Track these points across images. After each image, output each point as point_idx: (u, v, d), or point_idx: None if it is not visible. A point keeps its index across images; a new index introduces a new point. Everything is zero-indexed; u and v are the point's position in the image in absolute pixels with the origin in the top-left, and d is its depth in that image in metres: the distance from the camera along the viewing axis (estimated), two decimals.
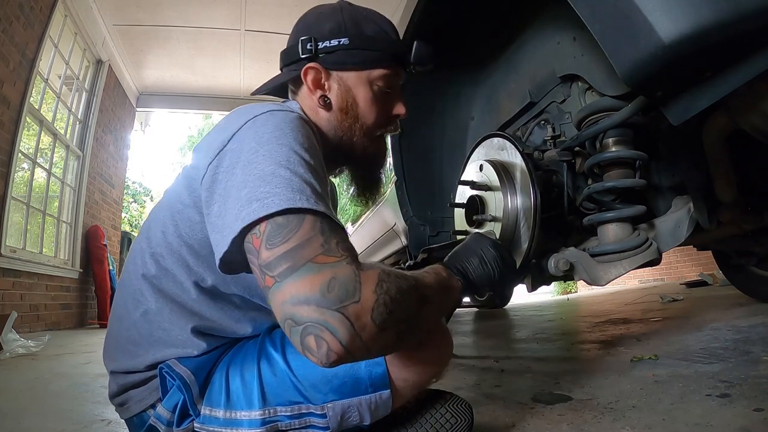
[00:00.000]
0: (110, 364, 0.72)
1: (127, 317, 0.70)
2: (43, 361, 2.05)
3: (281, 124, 0.60)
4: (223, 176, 0.58)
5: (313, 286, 0.47)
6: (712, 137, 0.97)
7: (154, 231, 0.69)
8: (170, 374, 0.65)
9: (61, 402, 1.30)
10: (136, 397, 0.70)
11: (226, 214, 0.55)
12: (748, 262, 1.78)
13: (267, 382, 0.64)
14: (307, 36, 0.74)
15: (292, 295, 0.48)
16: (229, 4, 4.40)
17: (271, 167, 0.54)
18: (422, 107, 1.62)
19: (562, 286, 8.65)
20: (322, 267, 0.48)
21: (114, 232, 5.31)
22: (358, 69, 0.74)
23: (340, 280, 0.48)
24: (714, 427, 0.72)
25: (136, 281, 0.69)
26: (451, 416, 0.73)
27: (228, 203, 0.55)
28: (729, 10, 0.57)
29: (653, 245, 0.99)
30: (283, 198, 0.51)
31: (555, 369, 1.33)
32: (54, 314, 3.79)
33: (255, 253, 0.51)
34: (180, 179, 0.68)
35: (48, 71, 3.91)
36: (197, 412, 0.64)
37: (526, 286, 1.14)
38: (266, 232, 0.51)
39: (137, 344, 0.69)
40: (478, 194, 1.16)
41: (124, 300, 0.71)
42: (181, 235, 0.66)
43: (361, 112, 0.75)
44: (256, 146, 0.57)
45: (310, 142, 0.61)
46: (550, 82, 1.22)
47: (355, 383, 0.64)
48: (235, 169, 0.57)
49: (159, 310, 0.68)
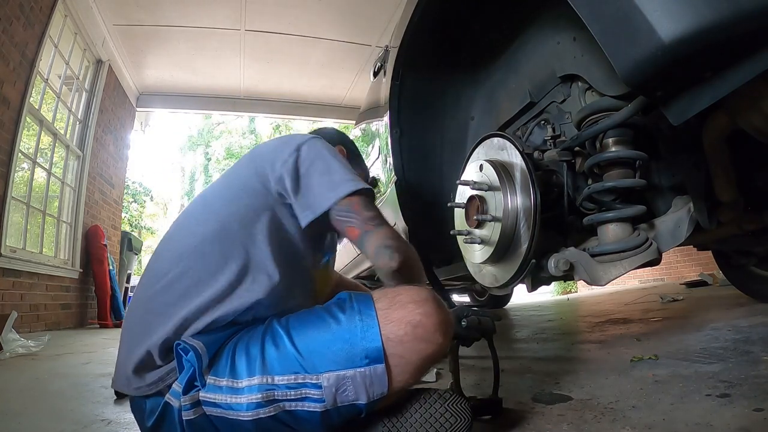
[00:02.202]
0: (146, 340, 0.72)
1: (162, 279, 0.76)
2: (43, 361, 2.05)
3: (324, 145, 0.89)
4: (305, 168, 0.84)
5: (389, 232, 0.82)
6: (712, 137, 0.97)
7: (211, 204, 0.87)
8: (185, 349, 0.68)
9: (61, 402, 1.30)
10: (151, 377, 0.72)
11: (320, 188, 0.83)
12: (748, 262, 1.78)
13: (268, 354, 0.68)
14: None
15: (385, 234, 0.80)
16: (229, 4, 4.40)
17: (341, 165, 0.85)
18: (422, 107, 1.62)
19: (562, 286, 8.66)
20: (388, 225, 0.83)
21: (114, 232, 5.31)
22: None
23: (393, 233, 0.83)
24: (714, 427, 0.72)
25: (186, 239, 0.81)
26: (450, 416, 0.73)
27: (318, 182, 0.83)
28: (729, 10, 0.57)
29: (653, 245, 0.99)
30: (359, 183, 0.83)
31: (555, 369, 1.33)
32: (54, 314, 3.79)
33: (357, 211, 0.81)
34: (240, 173, 0.89)
35: (48, 71, 3.91)
36: (204, 382, 0.67)
37: (526, 286, 1.14)
38: (361, 201, 0.82)
39: (171, 304, 0.73)
40: (478, 194, 1.16)
41: (161, 265, 0.79)
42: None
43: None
44: (326, 153, 0.87)
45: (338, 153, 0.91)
46: (550, 82, 1.22)
47: (350, 355, 0.66)
48: (316, 163, 0.84)
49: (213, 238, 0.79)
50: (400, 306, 0.69)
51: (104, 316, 4.34)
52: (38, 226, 4.03)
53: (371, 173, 2.20)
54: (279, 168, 0.84)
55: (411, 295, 0.70)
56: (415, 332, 0.67)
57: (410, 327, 0.67)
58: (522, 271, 1.07)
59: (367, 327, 0.68)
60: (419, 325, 0.67)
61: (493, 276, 1.18)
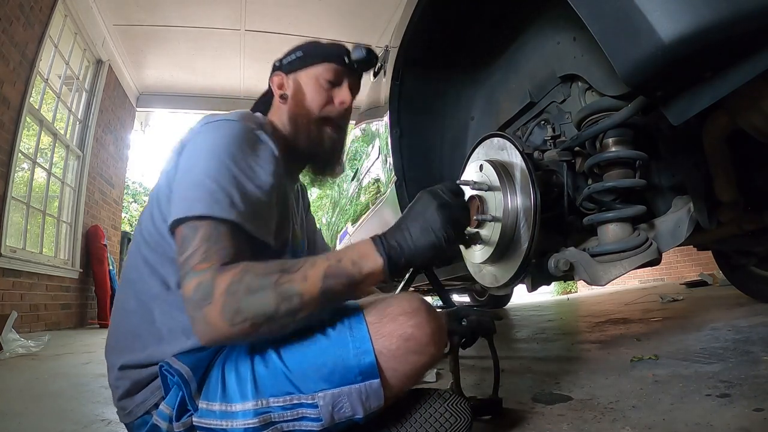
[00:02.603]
0: (119, 358, 0.73)
1: (152, 299, 0.73)
2: (43, 361, 2.05)
3: (221, 137, 0.72)
4: (178, 174, 0.71)
5: (189, 290, 0.61)
6: (712, 137, 0.97)
7: (145, 224, 0.76)
8: (169, 371, 0.66)
9: (61, 402, 1.30)
10: (138, 399, 0.71)
11: (174, 204, 0.68)
12: (748, 262, 1.78)
13: (259, 374, 0.66)
14: (277, 59, 0.97)
15: (183, 296, 0.62)
16: (229, 4, 4.40)
17: (200, 176, 0.67)
18: (422, 107, 1.62)
19: (562, 286, 8.66)
20: (196, 274, 0.61)
21: (114, 232, 5.31)
22: (305, 68, 0.92)
23: (202, 286, 0.60)
24: (714, 427, 0.72)
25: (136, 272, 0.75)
26: (450, 415, 0.73)
27: (176, 196, 0.69)
28: (729, 10, 0.57)
29: (653, 245, 0.99)
30: (201, 205, 0.65)
31: (555, 369, 1.33)
32: (54, 314, 3.79)
33: (178, 247, 0.66)
34: (162, 177, 0.77)
35: (48, 71, 3.91)
36: (195, 407, 0.65)
37: (526, 286, 1.14)
38: (179, 240, 0.65)
39: (164, 328, 0.71)
40: (478, 194, 1.16)
41: (131, 293, 0.75)
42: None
43: (307, 100, 0.91)
44: (198, 154, 0.71)
45: (245, 153, 0.72)
46: (550, 82, 1.22)
47: (344, 372, 0.65)
48: (183, 170, 0.71)
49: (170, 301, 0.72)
50: (391, 319, 0.67)
51: (104, 316, 4.34)
52: (38, 226, 4.03)
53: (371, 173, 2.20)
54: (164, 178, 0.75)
55: (402, 306, 0.69)
56: (407, 345, 0.66)
57: (402, 341, 0.66)
58: (522, 271, 1.06)
59: (359, 342, 0.66)
60: (411, 338, 0.66)
61: (493, 276, 1.18)
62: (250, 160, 0.72)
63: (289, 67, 0.94)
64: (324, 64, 0.91)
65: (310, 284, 0.63)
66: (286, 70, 0.94)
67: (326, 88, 0.91)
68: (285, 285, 0.61)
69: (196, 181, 0.67)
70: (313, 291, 0.63)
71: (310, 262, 0.65)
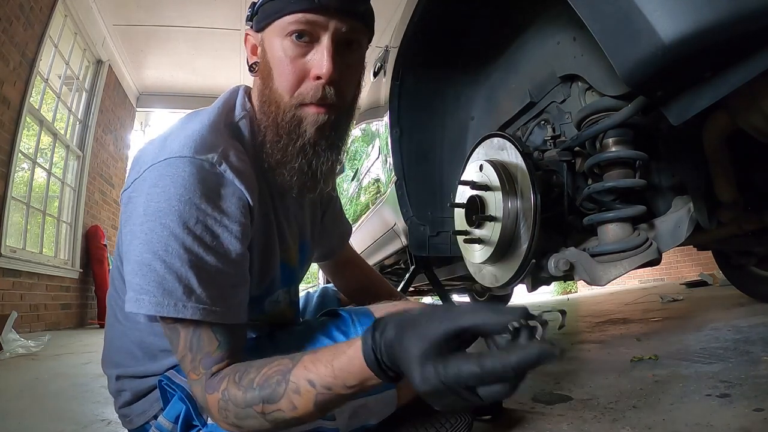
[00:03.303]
0: (115, 369, 0.72)
1: (137, 323, 0.68)
2: (43, 361, 2.05)
3: (169, 190, 0.54)
4: (124, 223, 0.59)
5: (190, 386, 0.58)
6: (712, 137, 0.97)
7: (118, 254, 0.69)
8: (169, 386, 0.64)
9: (61, 402, 1.30)
10: (138, 409, 0.70)
11: (127, 279, 0.58)
12: (748, 262, 1.78)
13: None
14: (252, 3, 0.66)
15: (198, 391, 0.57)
16: (229, 4, 4.40)
17: (147, 255, 0.54)
18: (422, 107, 1.62)
19: (562, 286, 8.65)
20: (192, 383, 0.57)
21: (114, 232, 5.31)
22: (273, 20, 0.62)
23: (199, 398, 0.57)
24: (714, 427, 0.72)
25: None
26: (450, 416, 0.73)
27: (126, 264, 0.58)
28: (729, 10, 0.57)
29: (653, 245, 0.99)
30: (153, 302, 0.53)
31: (555, 369, 1.33)
32: (54, 314, 3.79)
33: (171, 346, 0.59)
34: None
35: (48, 71, 3.91)
36: (203, 422, 0.63)
37: (526, 286, 1.14)
38: (164, 333, 0.57)
39: (155, 348, 0.69)
40: (478, 194, 1.16)
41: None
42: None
43: (275, 73, 0.63)
44: (142, 217, 0.55)
45: (201, 211, 0.55)
46: (550, 82, 1.22)
47: None
48: (128, 224, 0.57)
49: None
50: None
51: (104, 316, 4.33)
52: (38, 226, 4.03)
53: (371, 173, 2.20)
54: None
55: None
56: None
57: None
58: (522, 271, 1.06)
59: None
60: None
61: (493, 276, 1.18)
62: (209, 219, 0.56)
63: (257, 20, 0.65)
64: (286, 13, 0.60)
65: (301, 410, 0.52)
66: (255, 26, 0.66)
67: (296, 54, 0.62)
68: (272, 414, 0.52)
69: (142, 261, 0.54)
70: (304, 415, 0.52)
71: (293, 388, 0.51)
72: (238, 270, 0.59)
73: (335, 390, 0.50)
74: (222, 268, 0.56)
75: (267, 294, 0.73)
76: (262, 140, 0.67)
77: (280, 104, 0.63)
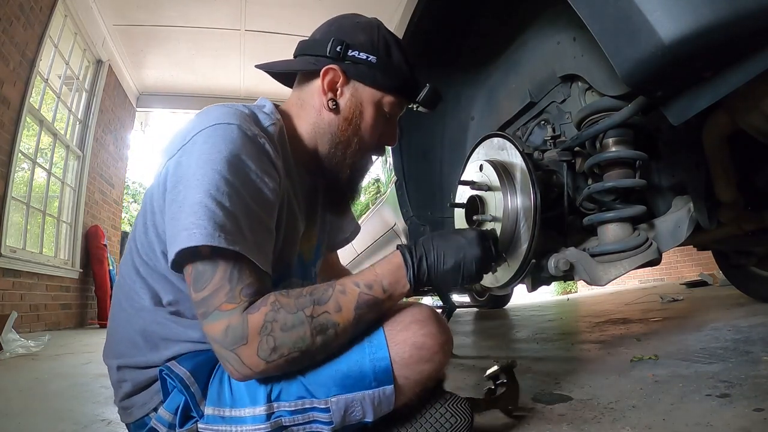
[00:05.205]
0: (116, 360, 0.72)
1: (141, 310, 0.71)
2: (43, 361, 2.05)
3: (219, 145, 0.62)
4: (171, 188, 0.63)
5: (217, 330, 0.59)
6: (712, 137, 0.97)
7: (139, 233, 0.72)
8: (170, 376, 0.65)
9: (61, 402, 1.30)
10: (139, 401, 0.71)
11: (173, 228, 0.61)
12: (748, 262, 1.78)
13: (271, 378, 0.64)
14: (340, 39, 0.77)
15: (207, 333, 0.60)
16: (229, 4, 4.40)
17: (200, 195, 0.59)
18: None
19: (562, 286, 8.66)
20: (223, 314, 0.59)
21: (114, 232, 5.31)
22: (374, 88, 0.78)
23: (233, 327, 0.58)
24: (714, 427, 0.72)
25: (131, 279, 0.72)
26: (450, 416, 0.72)
27: (173, 218, 0.61)
28: (729, 10, 0.57)
29: (653, 245, 0.99)
30: (204, 234, 0.57)
31: (555, 369, 1.33)
32: (54, 314, 3.79)
33: (188, 289, 0.62)
34: (154, 182, 0.71)
35: (48, 71, 3.91)
36: (201, 413, 0.64)
37: (526, 286, 1.14)
38: (192, 275, 0.60)
39: (157, 337, 0.70)
40: (478, 194, 1.16)
41: (127, 294, 0.73)
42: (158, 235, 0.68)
43: (363, 127, 0.80)
44: (195, 168, 0.61)
45: (246, 167, 0.63)
46: (550, 82, 1.22)
47: (359, 377, 0.64)
48: (179, 186, 0.62)
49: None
50: (404, 327, 0.67)
51: (104, 316, 4.33)
52: (38, 226, 4.03)
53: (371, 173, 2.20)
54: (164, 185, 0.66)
55: (413, 314, 0.69)
56: (420, 354, 0.66)
57: (415, 349, 0.66)
58: (522, 271, 1.06)
59: (375, 348, 0.66)
60: (423, 347, 0.66)
61: (493, 276, 1.18)
62: (252, 174, 0.63)
63: (355, 71, 0.77)
64: (396, 95, 0.79)
65: (344, 314, 0.62)
66: (348, 72, 0.77)
67: (382, 123, 0.81)
68: (320, 317, 0.60)
69: (195, 201, 0.59)
70: (347, 321, 0.62)
71: (340, 289, 0.63)
72: (272, 226, 0.67)
73: (375, 290, 0.64)
74: (263, 218, 0.65)
75: (281, 279, 0.76)
76: (311, 148, 0.80)
77: (361, 148, 0.81)
